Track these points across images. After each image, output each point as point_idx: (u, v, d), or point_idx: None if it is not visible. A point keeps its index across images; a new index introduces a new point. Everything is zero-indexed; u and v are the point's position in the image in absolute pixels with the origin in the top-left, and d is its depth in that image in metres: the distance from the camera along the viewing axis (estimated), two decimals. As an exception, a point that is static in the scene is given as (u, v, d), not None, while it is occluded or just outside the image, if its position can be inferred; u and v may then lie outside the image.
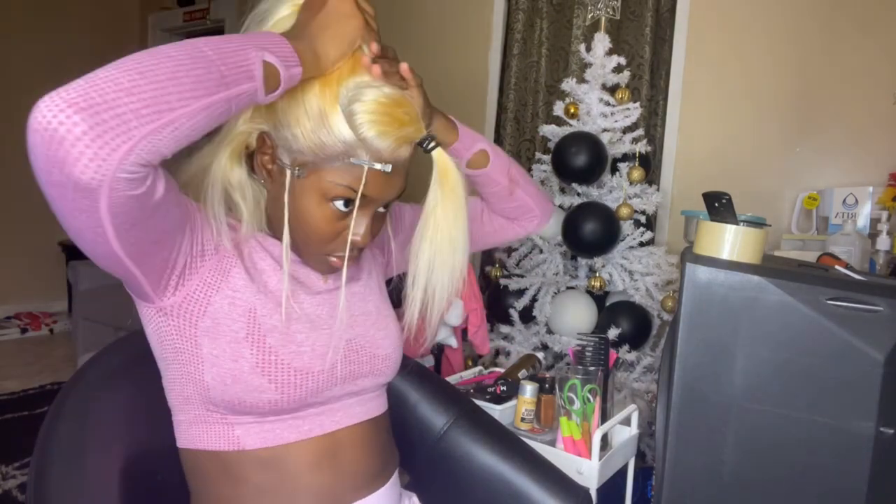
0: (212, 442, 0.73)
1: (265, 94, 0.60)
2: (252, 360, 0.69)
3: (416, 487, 0.94)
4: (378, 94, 0.67)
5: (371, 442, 0.81)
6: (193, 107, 0.53)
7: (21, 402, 2.64)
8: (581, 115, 2.13)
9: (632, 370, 1.99)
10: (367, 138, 0.66)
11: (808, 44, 2.23)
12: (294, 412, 0.74)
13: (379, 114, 0.67)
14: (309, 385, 0.72)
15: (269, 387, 0.69)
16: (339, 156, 0.68)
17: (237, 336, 0.69)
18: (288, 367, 0.71)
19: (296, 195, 0.71)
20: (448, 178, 0.73)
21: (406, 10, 3.26)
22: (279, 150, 0.71)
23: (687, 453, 0.98)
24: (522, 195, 0.94)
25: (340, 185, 0.69)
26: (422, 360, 1.95)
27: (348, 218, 0.72)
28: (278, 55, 0.60)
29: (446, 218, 0.74)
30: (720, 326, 0.95)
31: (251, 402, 0.70)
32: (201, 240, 0.69)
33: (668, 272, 2.04)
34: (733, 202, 0.98)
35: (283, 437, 0.73)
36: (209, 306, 0.69)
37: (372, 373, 0.81)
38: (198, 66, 0.54)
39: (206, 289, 0.69)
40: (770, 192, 2.30)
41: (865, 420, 0.88)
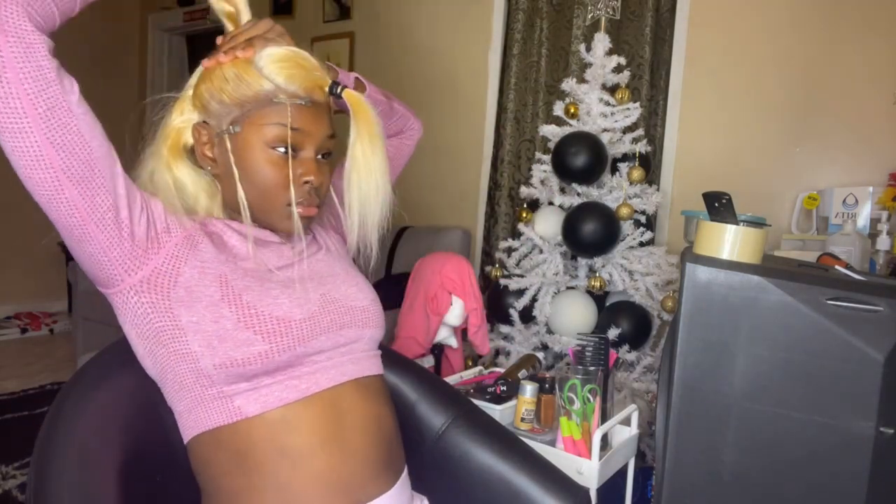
0: (213, 419, 0.73)
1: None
2: (233, 317, 0.72)
3: (416, 487, 0.94)
4: (277, 49, 0.80)
5: (374, 414, 0.82)
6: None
7: (21, 402, 2.64)
8: (581, 115, 2.13)
9: (632, 370, 1.99)
10: (279, 84, 0.77)
11: (809, 44, 2.23)
12: (287, 369, 0.76)
13: (282, 61, 0.78)
14: (294, 332, 0.75)
15: (255, 338, 0.72)
16: (263, 101, 0.77)
17: (213, 299, 0.73)
18: (270, 317, 0.74)
19: (240, 153, 0.78)
20: (360, 111, 0.81)
21: (406, 10, 3.26)
22: (212, 125, 0.80)
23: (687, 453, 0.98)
24: (399, 106, 1.06)
25: (272, 123, 0.77)
26: (421, 360, 1.95)
27: (295, 162, 0.79)
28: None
29: (365, 150, 0.81)
30: (720, 326, 0.95)
31: (242, 359, 0.71)
32: (164, 218, 0.74)
33: (668, 272, 2.04)
34: (733, 202, 0.98)
35: (283, 398, 0.75)
36: (179, 276, 0.73)
37: (354, 323, 0.84)
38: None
39: (174, 261, 0.73)
40: (770, 192, 2.30)
41: (865, 420, 0.88)
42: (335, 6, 3.53)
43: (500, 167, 2.94)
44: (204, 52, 0.83)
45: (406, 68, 3.26)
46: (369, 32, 3.41)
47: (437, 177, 3.14)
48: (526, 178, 2.70)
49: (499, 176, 2.94)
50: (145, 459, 0.77)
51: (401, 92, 3.34)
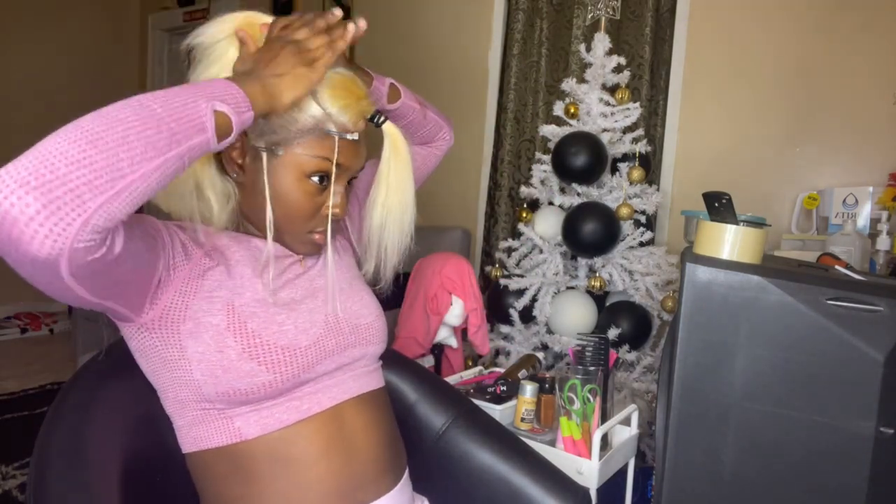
0: (214, 439, 0.73)
1: (217, 142, 0.61)
2: (238, 347, 0.71)
3: (416, 487, 0.94)
4: (335, 74, 0.76)
5: (375, 420, 0.82)
6: (146, 168, 0.53)
7: (21, 402, 2.64)
8: (581, 115, 2.13)
9: (632, 370, 1.99)
10: (332, 112, 0.74)
11: (809, 44, 2.23)
12: (289, 392, 0.75)
13: (339, 89, 0.75)
14: (299, 361, 0.74)
15: (259, 369, 0.71)
16: (311, 129, 0.74)
17: (218, 328, 0.71)
18: (275, 347, 0.72)
19: (273, 175, 0.75)
20: (398, 146, 0.80)
21: (406, 10, 3.26)
22: (251, 138, 0.75)
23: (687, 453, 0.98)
24: (432, 114, 1.02)
25: (316, 156, 0.75)
26: (421, 360, 1.95)
27: (324, 193, 0.77)
28: (230, 103, 0.61)
29: (398, 183, 0.81)
30: (720, 326, 0.95)
31: (245, 389, 0.71)
32: (171, 254, 0.70)
33: (668, 272, 2.04)
34: (733, 202, 0.98)
35: (283, 420, 0.74)
36: (188, 310, 0.71)
37: (359, 342, 0.83)
38: (148, 126, 0.54)
39: (183, 296, 0.71)
40: (770, 192, 2.30)
41: (865, 420, 0.88)
42: (335, 6, 3.53)
43: (500, 167, 2.94)
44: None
45: (406, 68, 3.26)
46: (369, 32, 3.40)
47: (437, 177, 3.12)
48: (526, 178, 2.70)
49: (499, 176, 2.94)
50: (145, 460, 0.77)
51: (401, 92, 3.35)
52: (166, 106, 0.56)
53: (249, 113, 0.64)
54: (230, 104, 0.61)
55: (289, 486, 0.73)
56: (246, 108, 0.63)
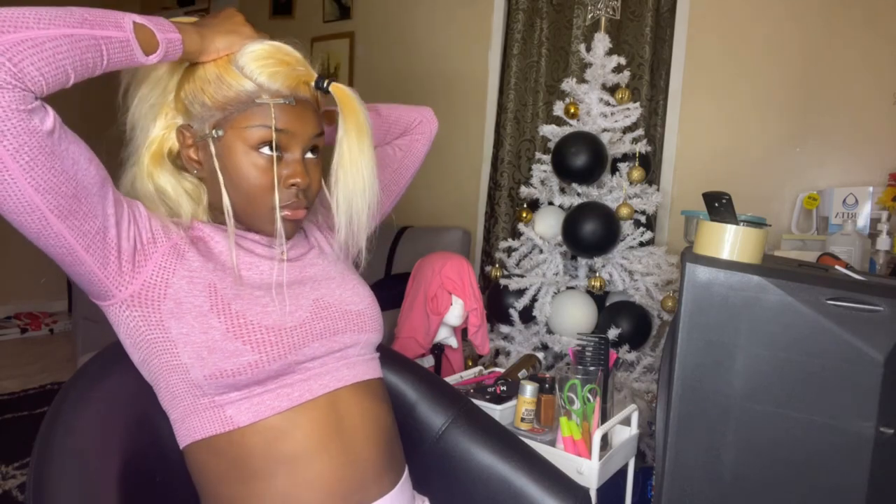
0: (206, 428, 0.73)
1: (144, 53, 0.66)
2: (222, 327, 0.71)
3: (415, 487, 0.94)
4: (259, 45, 0.76)
5: (371, 410, 0.81)
6: (53, 31, 0.57)
7: (21, 402, 2.64)
8: (581, 115, 2.13)
9: (632, 370, 1.99)
10: (261, 82, 0.75)
11: (808, 44, 2.23)
12: (279, 378, 0.74)
13: (263, 58, 0.75)
14: (285, 341, 0.74)
15: (245, 349, 0.71)
16: (245, 102, 0.75)
17: (202, 310, 0.72)
18: (259, 326, 0.73)
19: (224, 157, 0.76)
20: (348, 104, 0.77)
21: (406, 10, 3.26)
22: (195, 128, 0.77)
23: (687, 453, 0.98)
24: (387, 109, 1.01)
25: (255, 125, 0.75)
26: (421, 360, 1.95)
27: (281, 164, 0.77)
28: (152, 21, 0.66)
29: (352, 147, 0.77)
30: (720, 326, 0.95)
31: (232, 370, 0.71)
32: (149, 227, 0.73)
33: (668, 272, 2.04)
34: (733, 202, 0.98)
35: (274, 407, 0.74)
36: (168, 288, 0.72)
37: (349, 328, 0.83)
38: (59, 9, 0.59)
39: (163, 272, 0.72)
40: (770, 192, 2.30)
41: (865, 420, 0.88)
42: (335, 6, 3.53)
43: (500, 167, 2.94)
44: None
45: (406, 68, 3.26)
46: (369, 32, 3.41)
47: (437, 177, 3.14)
48: (526, 178, 2.70)
49: (499, 176, 2.94)
50: (145, 459, 0.76)
51: (401, 92, 3.35)
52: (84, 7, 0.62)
53: (175, 35, 0.68)
54: (153, 22, 0.66)
55: (288, 485, 0.73)
56: (171, 30, 0.68)
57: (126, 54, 0.64)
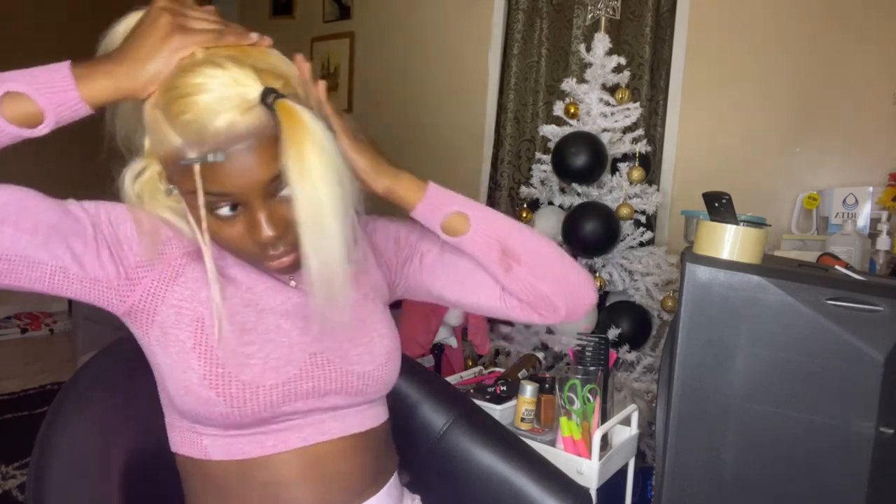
0: (184, 448, 0.72)
1: (15, 123, 0.55)
2: (200, 371, 0.66)
3: (415, 487, 0.94)
4: (189, 78, 0.58)
5: (359, 454, 0.76)
6: None
7: (21, 402, 2.64)
8: (581, 115, 2.13)
9: (632, 370, 1.99)
10: (184, 131, 0.58)
11: (809, 44, 2.23)
12: (255, 427, 0.70)
13: (182, 97, 0.58)
14: (260, 399, 0.67)
15: (217, 400, 0.66)
16: (175, 161, 0.60)
17: (185, 346, 0.66)
18: (235, 380, 0.66)
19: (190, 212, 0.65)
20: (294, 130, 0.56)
21: (406, 10, 3.26)
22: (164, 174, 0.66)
23: (687, 453, 0.98)
24: (528, 274, 0.75)
25: (191, 192, 0.60)
26: (422, 360, 1.95)
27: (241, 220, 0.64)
28: (36, 84, 0.55)
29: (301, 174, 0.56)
30: (720, 326, 0.95)
31: (205, 415, 0.67)
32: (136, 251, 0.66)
33: (668, 272, 2.04)
34: (733, 202, 0.98)
35: (246, 452, 0.70)
36: (156, 316, 0.67)
37: (345, 391, 0.73)
38: None
39: (151, 298, 0.67)
40: (770, 192, 2.30)
41: (865, 420, 0.88)
42: (335, 6, 3.53)
43: (500, 167, 2.94)
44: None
45: (406, 68, 3.26)
46: (369, 32, 3.41)
47: (437, 177, 3.12)
48: (526, 178, 2.70)
49: (499, 176, 2.94)
50: (146, 459, 0.77)
51: (401, 92, 3.35)
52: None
53: (69, 94, 0.56)
54: (37, 86, 0.55)
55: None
56: (62, 89, 0.56)
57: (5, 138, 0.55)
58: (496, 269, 0.75)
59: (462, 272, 0.81)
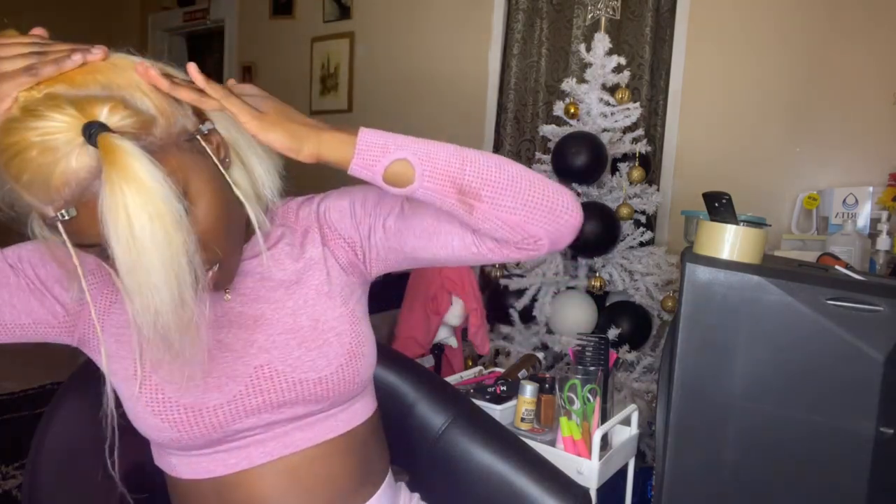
0: (161, 465, 0.72)
1: None
2: (143, 399, 0.64)
3: (414, 487, 0.94)
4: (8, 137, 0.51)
5: (338, 460, 0.72)
6: None
7: (21, 402, 2.64)
8: (581, 115, 2.13)
9: (632, 370, 1.99)
10: (29, 192, 0.52)
11: (809, 44, 2.23)
12: (213, 446, 0.67)
13: (9, 156, 0.51)
14: (206, 421, 0.64)
15: (163, 426, 0.64)
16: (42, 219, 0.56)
17: (127, 373, 0.65)
18: (176, 405, 0.63)
19: None
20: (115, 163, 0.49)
21: (406, 10, 3.26)
22: None
23: (687, 453, 0.98)
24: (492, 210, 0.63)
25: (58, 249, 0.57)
26: (421, 360, 1.95)
27: None
28: None
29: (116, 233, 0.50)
30: (720, 326, 0.95)
31: (158, 440, 0.66)
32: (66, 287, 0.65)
33: (668, 272, 2.04)
34: (733, 202, 0.98)
35: (211, 470, 0.68)
36: (100, 344, 0.64)
37: (301, 400, 0.68)
38: None
39: (93, 329, 0.67)
40: (770, 192, 2.30)
41: (865, 420, 0.88)
42: (335, 6, 3.53)
43: (500, 167, 2.93)
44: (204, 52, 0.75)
45: (406, 68, 3.26)
46: (369, 32, 3.41)
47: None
48: (526, 178, 2.69)
49: (499, 176, 2.94)
50: (144, 460, 0.76)
51: (401, 92, 3.35)
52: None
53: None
54: None
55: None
56: None
57: None
58: (458, 213, 0.64)
59: (428, 226, 0.70)
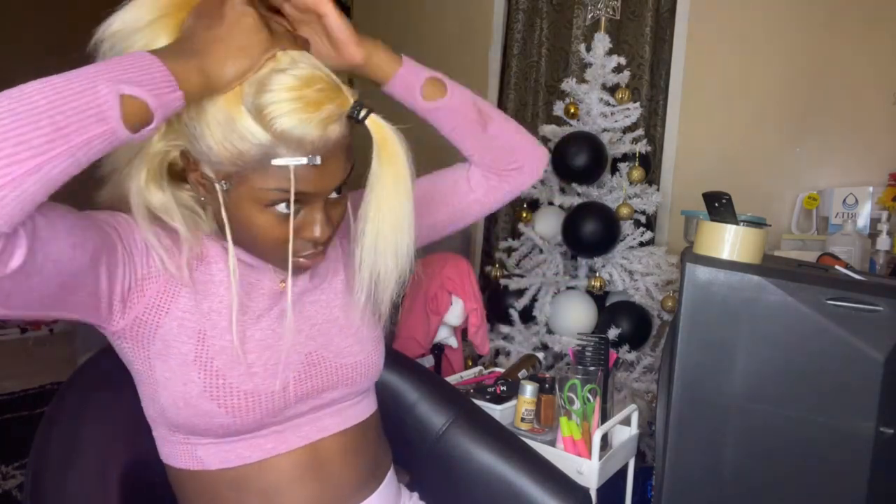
0: (178, 460, 0.71)
1: (132, 130, 0.51)
2: (200, 384, 0.65)
3: (415, 487, 0.94)
4: (285, 79, 0.59)
5: (355, 449, 0.78)
6: (16, 173, 0.44)
7: (21, 402, 2.64)
8: (581, 115, 2.13)
9: (632, 370, 1.99)
10: (284, 132, 0.58)
11: (808, 43, 2.23)
12: (254, 432, 0.70)
13: (291, 100, 0.58)
14: (263, 407, 0.68)
15: (219, 412, 0.66)
16: (260, 160, 0.60)
17: (186, 359, 0.66)
18: (237, 391, 0.66)
19: (233, 208, 0.63)
20: (386, 147, 0.64)
21: (406, 10, 3.26)
22: (202, 165, 0.63)
23: (687, 453, 0.98)
24: (500, 130, 0.81)
25: (271, 189, 0.61)
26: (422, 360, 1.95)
27: (298, 217, 0.65)
28: (145, 84, 0.51)
29: (386, 193, 0.65)
30: (720, 326, 0.95)
31: (203, 427, 0.67)
32: (145, 261, 0.64)
33: (668, 272, 2.04)
34: (733, 202, 0.98)
35: (245, 457, 0.70)
36: (159, 329, 0.65)
37: (340, 384, 0.75)
38: (21, 123, 0.44)
39: (154, 311, 0.65)
40: (770, 192, 2.30)
41: (865, 420, 0.88)
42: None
43: (500, 167, 2.94)
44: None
45: (406, 68, 3.26)
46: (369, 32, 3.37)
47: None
48: (526, 178, 2.69)
49: (499, 176, 2.94)
50: (144, 461, 0.76)
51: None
52: (54, 95, 0.46)
53: (175, 94, 0.53)
54: (146, 85, 0.51)
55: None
56: (168, 89, 0.52)
57: (110, 144, 0.50)
58: (475, 130, 0.80)
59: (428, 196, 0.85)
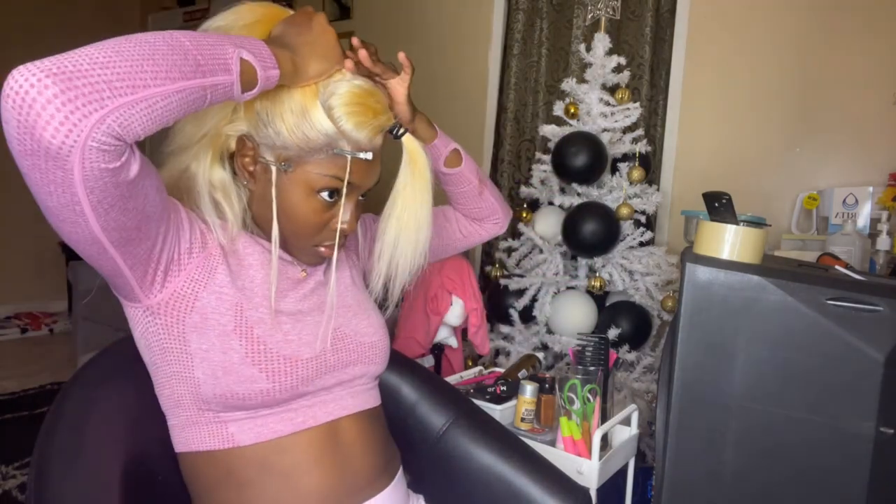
0: (206, 442, 0.73)
1: (241, 91, 0.62)
2: (241, 350, 0.70)
3: (416, 487, 0.94)
4: (352, 87, 0.73)
5: (370, 434, 0.83)
6: (168, 87, 0.54)
7: (21, 402, 2.64)
8: (581, 115, 2.13)
9: (632, 370, 1.99)
10: (346, 129, 0.71)
11: (809, 43, 2.23)
12: (286, 403, 0.74)
13: (355, 105, 0.72)
14: (299, 372, 0.74)
15: (260, 376, 0.70)
16: (323, 148, 0.72)
17: (225, 329, 0.71)
18: (277, 356, 0.72)
19: (282, 190, 0.74)
20: (417, 160, 0.80)
21: (406, 10, 3.26)
22: (261, 149, 0.74)
23: (687, 453, 0.98)
24: (489, 196, 1.01)
25: (326, 175, 0.73)
26: (421, 360, 1.95)
27: (334, 208, 0.76)
28: (256, 56, 0.63)
29: (414, 198, 0.80)
30: (720, 326, 0.95)
31: (243, 394, 0.70)
32: (189, 237, 0.70)
33: (668, 272, 2.04)
34: (733, 202, 0.98)
35: (277, 430, 0.74)
36: (197, 301, 0.70)
37: (361, 360, 0.83)
38: (175, 52, 0.55)
39: (194, 285, 0.70)
40: (770, 192, 2.30)
41: (865, 420, 0.88)
42: (335, 6, 3.53)
43: (500, 167, 2.94)
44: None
45: (406, 68, 3.26)
46: (369, 32, 3.41)
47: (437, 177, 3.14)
48: (526, 178, 2.70)
49: (499, 176, 2.94)
50: (147, 459, 0.77)
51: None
52: (195, 42, 0.57)
53: (275, 71, 0.65)
54: (257, 57, 0.63)
55: (280, 494, 0.73)
56: (272, 65, 0.64)
57: (225, 95, 0.61)
58: (474, 193, 0.99)
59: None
